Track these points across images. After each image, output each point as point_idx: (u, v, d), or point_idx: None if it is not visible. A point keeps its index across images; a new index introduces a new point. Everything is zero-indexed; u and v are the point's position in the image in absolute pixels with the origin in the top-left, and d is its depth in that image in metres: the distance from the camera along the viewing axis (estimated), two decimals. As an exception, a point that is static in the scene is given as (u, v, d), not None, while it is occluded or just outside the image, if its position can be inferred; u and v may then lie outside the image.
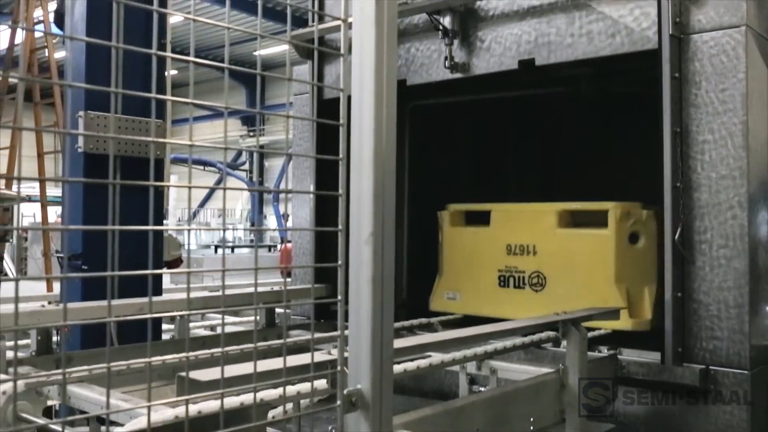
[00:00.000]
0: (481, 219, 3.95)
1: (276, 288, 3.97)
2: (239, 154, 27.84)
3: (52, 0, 8.07)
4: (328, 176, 3.88)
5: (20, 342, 2.83)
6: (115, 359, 2.49)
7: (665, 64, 2.83)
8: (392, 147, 1.57)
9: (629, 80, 4.03)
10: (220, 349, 1.39)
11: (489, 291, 3.81)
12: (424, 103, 4.20)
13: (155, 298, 3.32)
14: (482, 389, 2.84)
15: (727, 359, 2.75)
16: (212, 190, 23.47)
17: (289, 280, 4.44)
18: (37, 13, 8.58)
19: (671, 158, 2.82)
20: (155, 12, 1.31)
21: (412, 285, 4.27)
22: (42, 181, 9.29)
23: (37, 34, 8.68)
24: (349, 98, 1.58)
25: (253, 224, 26.57)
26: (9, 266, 11.00)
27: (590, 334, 3.01)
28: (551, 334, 2.93)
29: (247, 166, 28.69)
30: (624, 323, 3.18)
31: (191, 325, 4.70)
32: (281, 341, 1.50)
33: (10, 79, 9.17)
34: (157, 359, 2.42)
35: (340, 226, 1.55)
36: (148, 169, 1.35)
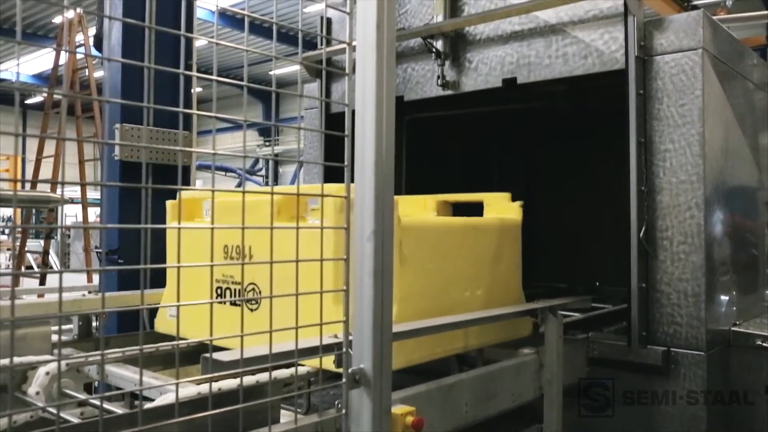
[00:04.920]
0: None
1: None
2: (256, 161, 27.83)
3: (92, 26, 8.06)
4: (335, 181, 3.87)
5: (64, 327, 2.82)
6: (148, 342, 2.49)
7: (631, 82, 2.83)
8: (391, 155, 1.57)
9: (600, 96, 4.03)
10: (239, 334, 1.39)
11: (207, 309, 1.79)
12: (419, 116, 4.20)
13: (183, 288, 3.31)
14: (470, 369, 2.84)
15: (686, 342, 2.75)
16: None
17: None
18: (79, 38, 8.57)
19: (636, 165, 2.82)
20: (183, 36, 1.31)
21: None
22: (83, 186, 9.28)
23: (79, 56, 8.68)
24: (353, 112, 1.58)
25: (268, 223, 26.48)
26: (54, 260, 10.99)
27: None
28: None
29: (263, 172, 28.68)
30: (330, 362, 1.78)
31: (214, 312, 4.68)
32: (294, 326, 1.50)
33: (55, 96, 9.17)
34: (184, 342, 2.41)
35: (345, 225, 1.55)
36: (176, 174, 1.36)
